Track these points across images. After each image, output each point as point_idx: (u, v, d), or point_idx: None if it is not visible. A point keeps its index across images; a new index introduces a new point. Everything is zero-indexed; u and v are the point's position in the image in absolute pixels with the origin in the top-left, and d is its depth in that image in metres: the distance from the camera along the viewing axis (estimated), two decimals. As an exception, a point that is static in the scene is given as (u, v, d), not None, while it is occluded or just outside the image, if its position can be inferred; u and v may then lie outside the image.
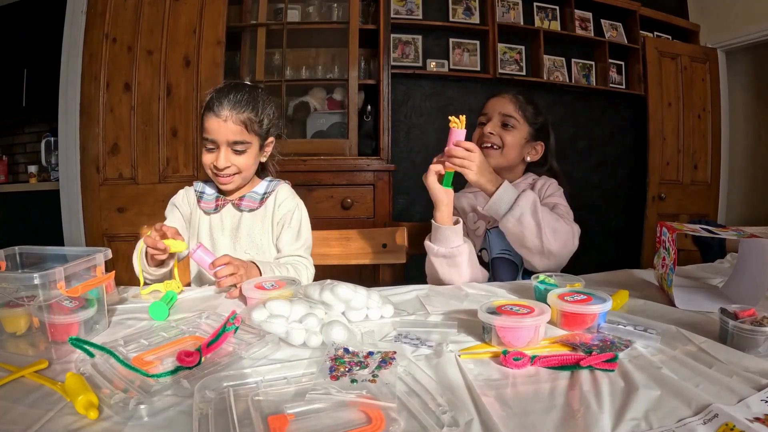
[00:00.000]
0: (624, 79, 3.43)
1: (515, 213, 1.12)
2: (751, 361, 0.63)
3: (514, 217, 1.12)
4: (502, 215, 1.13)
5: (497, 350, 0.67)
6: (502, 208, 1.13)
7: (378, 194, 2.53)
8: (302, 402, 0.53)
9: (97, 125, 2.44)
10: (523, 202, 1.12)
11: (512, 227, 1.13)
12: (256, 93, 1.20)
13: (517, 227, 1.12)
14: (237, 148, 1.16)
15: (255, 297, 0.88)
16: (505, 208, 1.13)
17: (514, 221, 1.12)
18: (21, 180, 3.34)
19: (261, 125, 1.19)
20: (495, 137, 1.33)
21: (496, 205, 1.14)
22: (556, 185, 1.35)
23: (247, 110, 1.16)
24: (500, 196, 1.13)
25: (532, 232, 1.11)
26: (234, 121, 1.14)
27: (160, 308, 0.85)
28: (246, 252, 1.22)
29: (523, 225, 1.12)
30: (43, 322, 0.69)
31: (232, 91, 1.16)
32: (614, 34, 3.39)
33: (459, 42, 3.14)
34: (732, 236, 0.90)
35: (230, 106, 1.14)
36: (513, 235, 1.15)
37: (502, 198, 1.13)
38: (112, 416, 0.52)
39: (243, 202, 1.24)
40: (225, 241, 1.23)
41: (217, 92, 1.17)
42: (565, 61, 3.31)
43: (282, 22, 2.65)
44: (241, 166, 1.18)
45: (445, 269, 1.16)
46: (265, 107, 1.21)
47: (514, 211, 1.12)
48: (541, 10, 3.24)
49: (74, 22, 2.47)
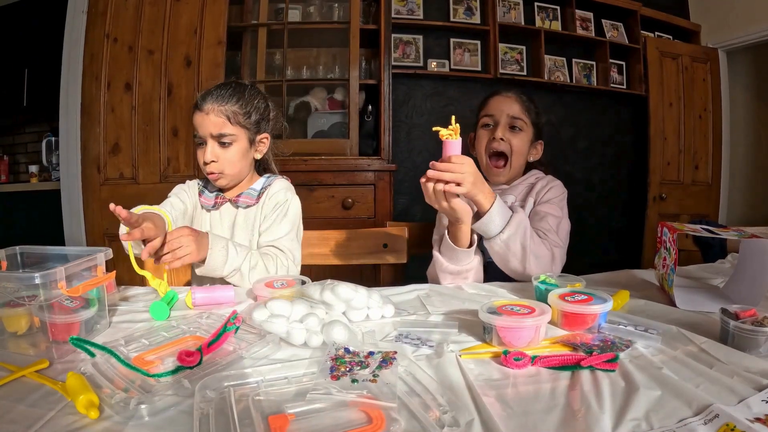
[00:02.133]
0: (625, 79, 3.43)
1: (503, 236, 1.09)
2: (752, 361, 0.63)
3: (501, 240, 1.09)
4: (491, 237, 1.10)
5: (498, 350, 0.67)
6: (492, 229, 1.09)
7: (379, 194, 2.53)
8: (303, 402, 0.53)
9: (98, 125, 2.45)
10: (514, 226, 1.09)
11: (498, 249, 1.11)
12: (242, 87, 1.21)
13: (503, 250, 1.10)
14: (222, 140, 1.16)
15: (263, 295, 0.89)
16: (494, 230, 1.09)
17: (501, 244, 1.10)
18: (22, 180, 3.35)
19: (248, 117, 1.19)
20: (505, 144, 1.30)
21: (485, 225, 1.09)
22: (559, 188, 1.32)
23: (230, 102, 1.17)
24: (491, 218, 1.08)
25: (517, 257, 1.10)
26: (216, 114, 1.15)
27: (161, 308, 0.85)
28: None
29: (509, 249, 1.10)
30: (44, 322, 0.69)
31: (218, 87, 1.19)
32: (615, 34, 3.39)
33: (460, 42, 3.14)
34: (733, 236, 0.90)
35: (212, 99, 1.16)
36: (497, 255, 1.12)
37: (493, 219, 1.08)
38: (112, 416, 0.52)
39: (240, 198, 1.24)
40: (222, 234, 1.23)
41: (204, 90, 1.20)
42: (565, 61, 3.31)
43: (283, 22, 2.65)
44: (228, 159, 1.18)
45: (448, 281, 1.14)
46: (253, 100, 1.21)
47: (502, 235, 1.09)
48: (542, 10, 3.24)
49: (75, 21, 2.47)
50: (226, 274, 1.08)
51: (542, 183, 1.32)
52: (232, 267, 1.08)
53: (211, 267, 1.06)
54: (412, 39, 3.08)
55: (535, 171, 1.39)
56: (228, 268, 1.08)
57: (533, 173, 1.38)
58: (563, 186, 1.34)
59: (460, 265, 1.12)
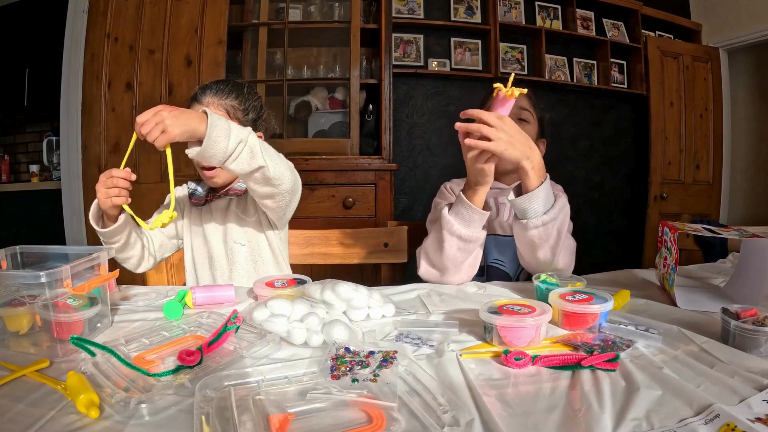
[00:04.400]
0: (626, 78, 3.43)
1: (546, 218, 0.97)
2: (753, 361, 0.63)
3: (542, 222, 0.98)
4: (530, 217, 0.98)
5: (498, 350, 0.67)
6: (533, 210, 0.97)
7: (379, 193, 2.53)
8: (303, 401, 0.53)
9: (99, 124, 2.45)
10: (557, 209, 0.98)
11: (535, 233, 0.99)
12: (240, 84, 1.23)
13: (540, 232, 0.99)
14: None
15: (264, 294, 0.89)
16: (536, 211, 0.97)
17: (541, 227, 0.98)
18: (23, 179, 3.35)
19: (246, 114, 1.20)
20: None
21: (529, 202, 0.97)
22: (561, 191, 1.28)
23: (230, 97, 1.17)
24: (537, 195, 0.96)
25: (550, 244, 1.00)
26: (215, 107, 1.15)
27: (174, 307, 0.85)
28: (236, 242, 1.22)
29: (546, 233, 0.99)
30: (47, 321, 0.69)
31: (216, 83, 1.20)
32: (616, 34, 3.39)
33: (461, 41, 3.14)
34: (734, 236, 0.90)
35: (212, 93, 1.16)
36: (529, 239, 1.01)
37: (538, 197, 0.96)
38: (113, 415, 0.52)
39: (231, 191, 1.24)
40: (216, 231, 1.24)
41: (203, 84, 1.21)
42: (566, 61, 3.31)
43: (284, 22, 2.65)
44: None
45: (453, 251, 1.04)
46: (251, 98, 1.22)
47: (545, 216, 0.97)
48: (543, 9, 3.24)
49: (76, 21, 2.47)
50: (232, 149, 0.90)
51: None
52: (237, 138, 0.90)
53: (214, 137, 0.87)
54: (413, 38, 3.08)
55: None
56: (234, 138, 0.90)
57: None
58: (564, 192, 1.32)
59: (471, 229, 1.01)
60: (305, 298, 0.82)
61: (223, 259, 1.23)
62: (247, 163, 0.93)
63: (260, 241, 1.24)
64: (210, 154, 0.89)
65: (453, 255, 1.05)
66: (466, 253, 1.05)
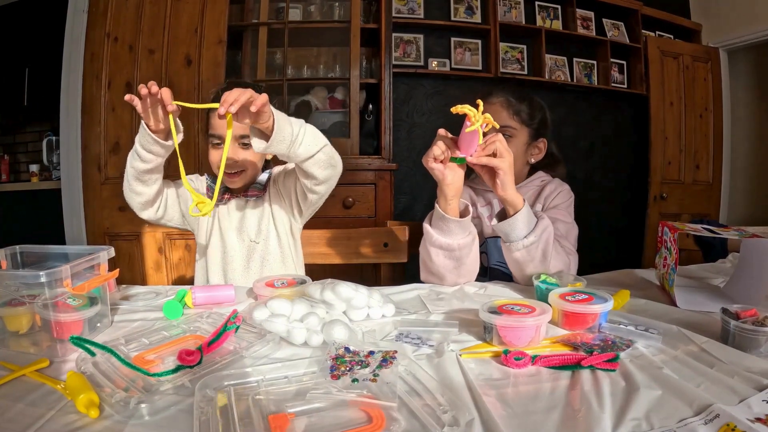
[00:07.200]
0: (626, 78, 3.42)
1: (526, 242, 1.00)
2: (753, 361, 0.63)
3: (524, 246, 1.01)
4: (512, 240, 1.02)
5: (498, 350, 0.67)
6: (515, 234, 1.01)
7: (379, 193, 2.52)
8: (303, 401, 0.53)
9: (99, 124, 2.44)
10: (538, 232, 1.01)
11: (518, 255, 1.02)
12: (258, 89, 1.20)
13: (523, 256, 1.02)
14: (244, 141, 1.16)
15: (264, 294, 0.90)
16: (517, 235, 1.01)
17: (523, 249, 1.01)
18: (23, 179, 3.34)
19: None
20: None
21: (510, 227, 1.01)
22: (567, 193, 1.28)
23: None
24: (516, 221, 1.00)
25: (535, 264, 1.03)
26: None
27: (174, 307, 0.85)
28: (252, 240, 1.23)
29: (531, 255, 1.01)
30: (47, 321, 0.69)
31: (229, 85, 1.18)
32: (616, 34, 3.39)
33: (461, 41, 3.14)
34: (734, 236, 0.90)
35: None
36: (515, 261, 1.04)
37: (516, 223, 1.00)
38: (113, 415, 0.52)
39: (249, 192, 1.25)
40: (232, 232, 1.24)
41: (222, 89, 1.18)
42: (566, 61, 3.30)
43: (283, 21, 2.64)
44: (249, 160, 1.19)
45: (442, 260, 1.05)
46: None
47: (525, 240, 1.00)
48: (543, 9, 3.23)
49: (76, 21, 2.47)
50: (296, 132, 0.95)
51: (550, 188, 1.29)
52: (298, 123, 0.96)
53: (281, 124, 0.93)
54: (413, 38, 3.08)
55: (541, 173, 1.34)
56: (296, 123, 0.95)
57: (538, 175, 1.33)
58: (570, 191, 1.31)
59: (451, 237, 1.04)
60: (305, 298, 0.82)
61: (237, 258, 1.24)
62: (313, 145, 0.97)
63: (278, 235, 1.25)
64: (280, 138, 0.93)
65: (443, 263, 1.06)
66: (455, 260, 1.06)
